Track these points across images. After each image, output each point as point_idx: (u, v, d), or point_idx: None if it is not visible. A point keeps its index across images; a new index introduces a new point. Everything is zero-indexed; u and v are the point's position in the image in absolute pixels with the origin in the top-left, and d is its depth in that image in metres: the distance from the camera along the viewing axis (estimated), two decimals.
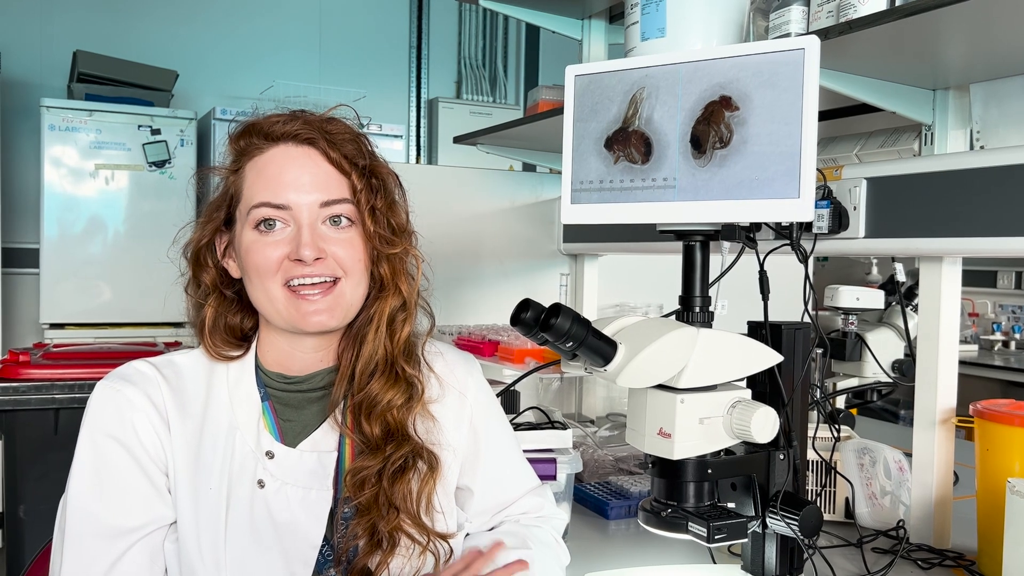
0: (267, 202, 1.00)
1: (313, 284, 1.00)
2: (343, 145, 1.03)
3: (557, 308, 0.93)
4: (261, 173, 1.02)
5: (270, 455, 1.02)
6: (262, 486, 1.00)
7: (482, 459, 1.13)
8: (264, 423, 1.04)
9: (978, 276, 4.73)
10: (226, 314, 1.08)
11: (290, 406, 1.06)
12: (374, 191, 1.04)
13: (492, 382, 1.37)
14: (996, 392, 3.75)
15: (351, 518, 1.01)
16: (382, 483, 1.00)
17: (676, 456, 1.00)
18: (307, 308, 1.00)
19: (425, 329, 1.11)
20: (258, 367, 1.07)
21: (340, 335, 1.08)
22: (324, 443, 1.04)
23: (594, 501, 1.61)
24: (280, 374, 1.07)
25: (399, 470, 1.02)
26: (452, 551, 1.06)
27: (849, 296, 1.88)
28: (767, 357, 1.05)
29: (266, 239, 1.00)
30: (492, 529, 1.15)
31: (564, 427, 1.47)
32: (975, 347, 4.41)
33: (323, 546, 1.01)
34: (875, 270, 2.83)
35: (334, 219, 1.02)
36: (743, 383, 1.07)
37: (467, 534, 1.14)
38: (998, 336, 4.52)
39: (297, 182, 1.00)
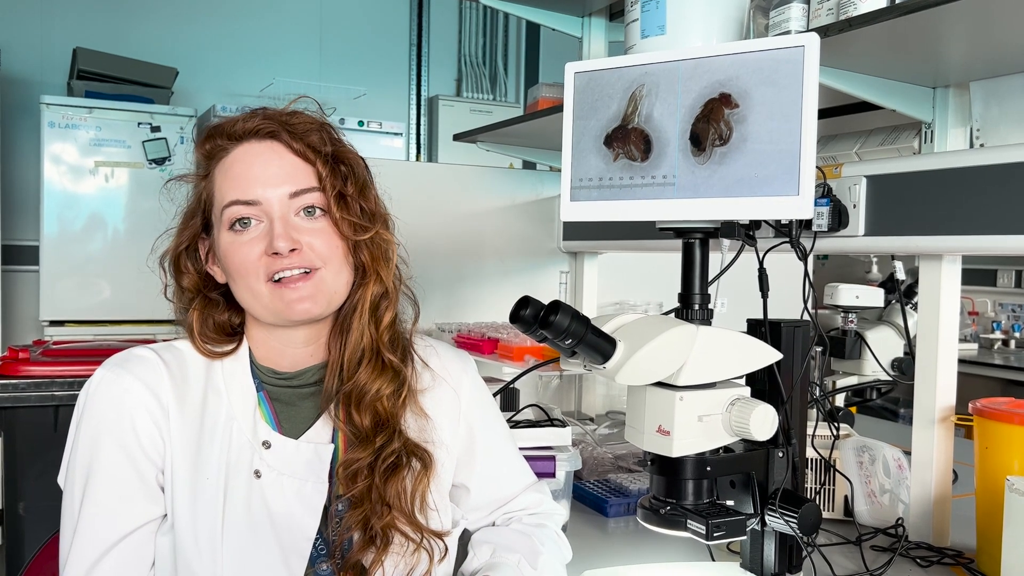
0: (237, 200, 1.00)
1: (293, 276, 1.00)
2: (306, 135, 1.03)
3: (556, 305, 0.93)
4: (228, 172, 1.02)
5: (267, 445, 1.01)
6: (258, 476, 1.00)
7: (478, 456, 1.13)
8: (260, 413, 1.04)
9: (978, 275, 4.73)
10: (212, 315, 1.07)
11: (282, 402, 1.06)
12: (342, 177, 1.03)
13: (491, 380, 1.37)
14: (996, 391, 3.75)
15: (344, 512, 1.01)
16: (374, 477, 1.00)
17: (675, 453, 1.00)
18: (291, 296, 0.99)
19: (411, 318, 1.11)
20: (251, 361, 1.07)
21: (328, 329, 1.08)
22: (320, 437, 1.04)
23: (593, 499, 1.61)
24: (271, 369, 1.07)
25: (392, 467, 1.01)
26: (447, 549, 1.06)
27: (849, 294, 1.88)
28: (766, 355, 1.05)
29: (242, 238, 1.00)
30: (494, 525, 1.16)
31: (563, 425, 1.47)
32: (975, 346, 4.41)
33: (317, 539, 1.01)
34: (875, 268, 2.82)
35: (307, 210, 1.01)
36: (742, 381, 1.07)
37: (464, 529, 1.14)
38: (998, 335, 4.52)
39: (264, 176, 1.00)
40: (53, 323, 3.81)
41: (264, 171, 1.01)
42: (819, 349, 1.67)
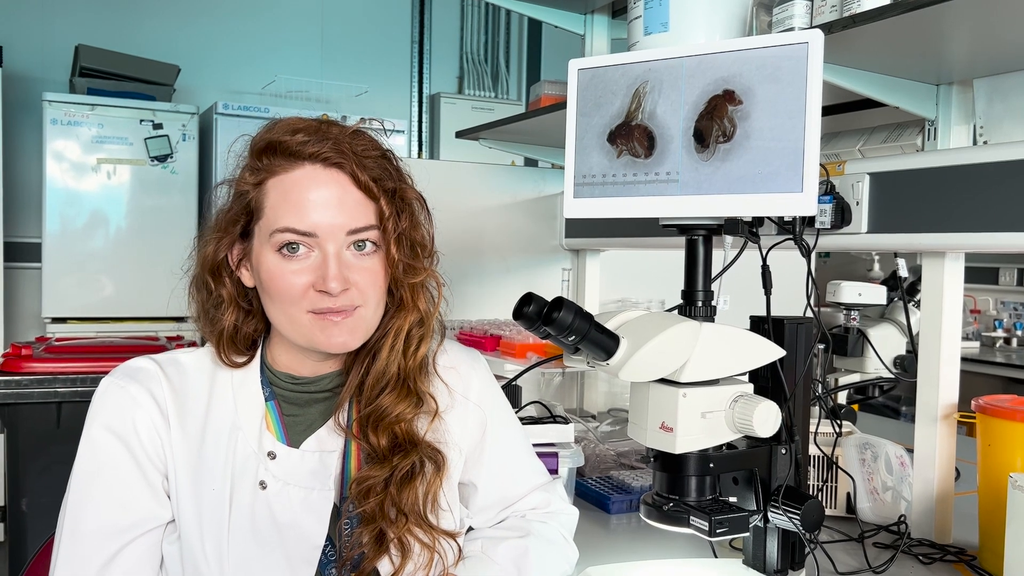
0: (292, 228, 0.96)
1: (335, 311, 0.98)
2: (372, 168, 1.00)
3: (559, 302, 0.93)
4: (287, 195, 0.97)
5: (272, 456, 1.01)
6: (264, 487, 1.00)
7: (486, 454, 1.13)
8: (269, 422, 1.03)
9: (980, 272, 4.72)
10: (243, 325, 1.06)
11: (296, 404, 1.06)
12: (398, 215, 1.01)
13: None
14: (997, 389, 3.75)
15: (355, 526, 1.00)
16: (388, 490, 0.99)
17: (678, 450, 1.00)
18: (332, 330, 0.98)
19: (437, 342, 1.10)
20: (266, 366, 1.07)
21: None
22: (328, 443, 1.04)
23: (595, 495, 1.61)
24: (289, 375, 1.07)
25: (406, 477, 1.01)
26: (460, 549, 1.06)
27: (851, 292, 1.88)
28: (769, 352, 1.04)
29: (291, 266, 0.97)
30: (497, 524, 1.15)
31: (566, 422, 1.47)
32: (976, 344, 4.41)
33: (326, 545, 1.01)
34: (876, 266, 2.82)
35: (358, 244, 0.99)
36: (745, 377, 1.07)
37: (470, 528, 1.14)
38: (999, 333, 4.52)
39: (324, 208, 0.97)
40: (55, 320, 3.82)
41: (326, 203, 0.97)
42: (821, 346, 1.67)
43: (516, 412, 1.49)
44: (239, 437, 1.01)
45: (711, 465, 1.03)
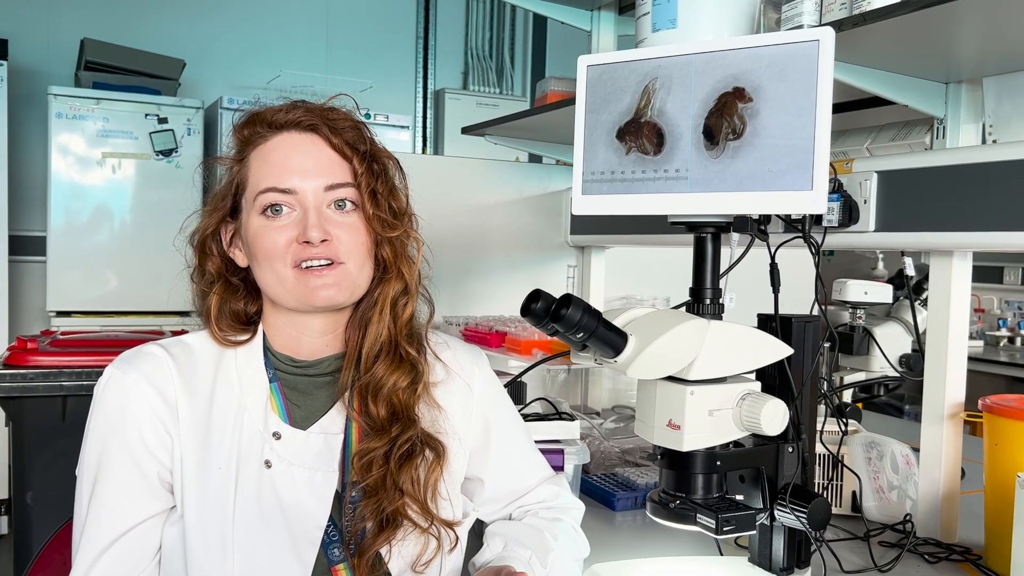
0: (273, 187, 1.02)
1: (320, 265, 1.02)
2: (344, 131, 1.06)
3: (568, 299, 0.93)
4: (266, 160, 1.04)
5: (277, 436, 1.03)
6: (269, 466, 1.01)
7: (492, 449, 1.14)
8: (273, 404, 1.05)
9: (984, 272, 4.71)
10: (231, 300, 1.09)
11: (298, 390, 1.07)
12: (375, 175, 1.06)
13: (499, 373, 1.37)
14: (1001, 388, 3.75)
15: (359, 501, 1.02)
16: (389, 465, 1.01)
17: (685, 448, 1.00)
18: (316, 283, 1.02)
19: (426, 316, 1.13)
20: (267, 349, 1.08)
21: (346, 320, 1.09)
22: (332, 426, 1.05)
23: (601, 493, 1.61)
24: (289, 357, 1.08)
25: (406, 454, 1.03)
26: (458, 538, 1.07)
27: (857, 290, 1.87)
28: (777, 350, 1.04)
29: (274, 224, 1.02)
30: (511, 518, 1.17)
31: (571, 418, 1.47)
32: (980, 343, 4.41)
33: (329, 526, 1.02)
34: (881, 265, 2.82)
35: (338, 203, 1.04)
36: (752, 375, 1.07)
37: (479, 521, 1.14)
38: (1003, 332, 4.51)
39: (301, 167, 1.03)
40: (60, 313, 3.82)
41: (302, 162, 1.03)
42: (827, 345, 1.67)
43: (521, 409, 1.50)
44: (245, 417, 1.03)
45: (718, 463, 1.03)
